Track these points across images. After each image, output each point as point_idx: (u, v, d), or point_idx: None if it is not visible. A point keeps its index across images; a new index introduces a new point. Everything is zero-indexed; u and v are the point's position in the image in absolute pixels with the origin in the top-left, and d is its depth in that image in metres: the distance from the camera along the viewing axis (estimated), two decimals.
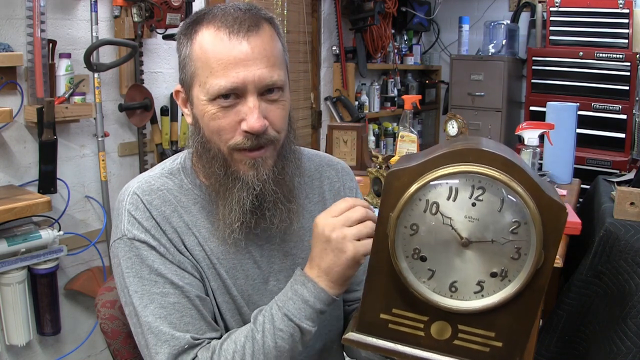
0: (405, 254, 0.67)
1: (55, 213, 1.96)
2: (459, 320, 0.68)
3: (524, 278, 0.63)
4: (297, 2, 3.19)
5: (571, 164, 2.23)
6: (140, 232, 0.85)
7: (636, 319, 1.37)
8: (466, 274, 0.66)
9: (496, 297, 0.65)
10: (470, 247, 0.65)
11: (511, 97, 3.66)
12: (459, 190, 0.64)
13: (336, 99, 3.50)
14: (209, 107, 0.84)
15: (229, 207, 0.86)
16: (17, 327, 1.82)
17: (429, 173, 0.64)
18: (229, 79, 0.81)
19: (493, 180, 0.62)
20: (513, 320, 0.66)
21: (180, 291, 0.84)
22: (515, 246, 0.63)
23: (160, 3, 2.04)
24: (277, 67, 0.85)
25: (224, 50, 0.81)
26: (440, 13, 4.20)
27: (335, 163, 1.08)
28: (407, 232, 0.66)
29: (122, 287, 0.86)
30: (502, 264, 0.64)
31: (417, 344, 0.70)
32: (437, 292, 0.67)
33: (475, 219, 0.64)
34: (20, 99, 1.84)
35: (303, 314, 0.80)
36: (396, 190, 0.66)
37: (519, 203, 0.62)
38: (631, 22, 3.04)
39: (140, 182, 0.90)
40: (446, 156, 0.64)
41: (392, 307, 0.70)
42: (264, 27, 0.84)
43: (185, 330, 0.83)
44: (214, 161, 0.87)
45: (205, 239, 0.90)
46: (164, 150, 2.31)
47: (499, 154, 0.63)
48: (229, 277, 0.91)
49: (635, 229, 1.50)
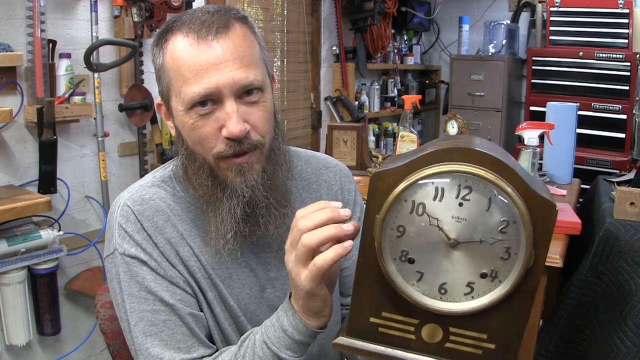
0: (392, 257, 0.65)
1: (55, 213, 1.96)
2: (450, 323, 0.66)
3: (514, 278, 0.62)
4: (297, 2, 3.19)
5: (571, 164, 2.23)
6: (130, 246, 0.83)
7: (636, 319, 1.37)
8: (455, 276, 0.64)
9: (487, 298, 0.64)
10: (458, 247, 0.63)
11: (511, 97, 3.66)
12: (445, 190, 0.62)
13: (336, 99, 3.50)
14: (187, 117, 0.80)
15: (220, 218, 0.83)
16: (17, 327, 1.82)
17: (414, 174, 0.63)
18: (202, 85, 0.77)
19: (479, 179, 0.61)
20: (505, 321, 0.65)
21: (171, 309, 0.82)
22: (505, 246, 0.62)
23: (160, 3, 2.04)
24: (253, 66, 0.80)
25: (194, 56, 0.78)
26: (440, 13, 4.20)
27: (333, 165, 1.05)
28: (393, 234, 0.65)
29: (116, 302, 0.85)
30: (491, 264, 0.63)
31: (408, 347, 0.68)
32: (426, 295, 0.66)
33: (462, 219, 0.62)
34: (20, 99, 1.84)
35: (282, 344, 0.77)
36: (381, 192, 0.64)
37: (507, 202, 0.61)
38: (631, 22, 3.04)
39: (131, 193, 0.88)
40: (432, 155, 0.63)
41: (382, 311, 0.68)
42: (234, 27, 0.80)
43: (177, 348, 0.82)
44: (201, 172, 0.84)
45: (200, 249, 0.87)
46: (164, 150, 2.31)
47: (485, 152, 0.61)
48: (225, 287, 0.89)
49: (635, 229, 1.50)
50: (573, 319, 1.62)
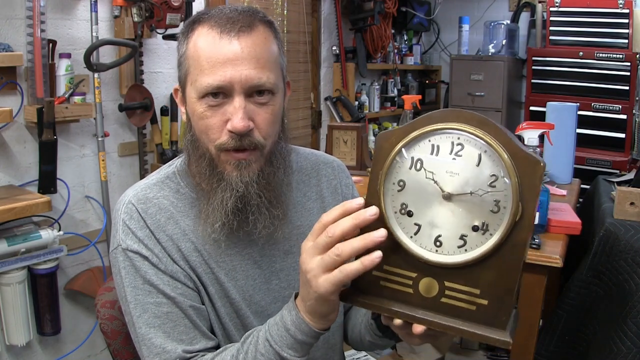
0: (394, 210, 0.71)
1: (55, 213, 1.96)
2: (445, 277, 0.70)
3: (503, 230, 0.66)
4: (297, 2, 3.19)
5: (571, 164, 2.23)
6: (133, 242, 0.86)
7: (636, 319, 1.37)
8: (450, 228, 0.69)
9: (478, 250, 0.68)
10: (452, 200, 0.68)
11: (511, 97, 3.66)
12: (440, 146, 0.69)
13: (336, 99, 3.50)
14: (198, 105, 0.84)
15: (212, 206, 0.86)
16: (17, 327, 1.82)
17: (413, 132, 0.70)
18: (216, 77, 0.81)
19: (470, 135, 0.67)
20: (497, 276, 0.68)
21: (173, 301, 0.85)
22: (494, 199, 0.66)
23: (160, 3, 2.04)
24: (268, 69, 0.83)
25: (214, 49, 0.81)
26: (440, 13, 4.20)
27: (330, 161, 1.08)
28: (394, 189, 0.71)
29: (121, 296, 0.88)
30: (482, 217, 0.67)
31: (406, 301, 0.72)
32: (423, 247, 0.70)
33: (455, 174, 0.68)
34: (20, 99, 1.84)
35: (284, 342, 0.77)
36: (385, 150, 0.71)
37: (495, 157, 0.66)
38: (631, 22, 3.04)
39: (136, 191, 0.91)
40: (430, 117, 0.70)
41: (384, 264, 0.72)
42: (257, 28, 0.84)
43: (179, 339, 0.84)
44: (202, 160, 0.87)
45: (203, 243, 0.89)
46: (164, 150, 2.31)
47: (475, 114, 0.67)
48: (228, 280, 0.90)
49: (635, 229, 1.50)
50: (573, 319, 1.62)
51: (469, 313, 0.70)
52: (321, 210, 1.01)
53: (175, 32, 2.21)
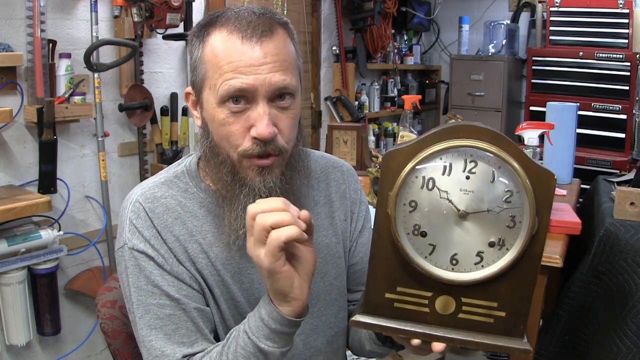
0: (406, 231, 0.70)
1: (55, 213, 1.96)
2: (462, 293, 0.70)
3: (520, 245, 0.66)
4: (297, 2, 3.19)
5: (571, 164, 2.23)
6: (139, 241, 0.85)
7: (636, 319, 1.37)
8: (466, 246, 0.68)
9: (496, 266, 0.67)
10: (467, 218, 0.68)
11: (511, 97, 3.66)
12: (452, 165, 0.68)
13: (336, 99, 3.50)
14: (219, 111, 0.82)
15: (235, 213, 0.85)
16: (17, 327, 1.82)
17: (423, 151, 0.68)
18: (239, 79, 0.79)
19: (483, 152, 0.66)
20: (513, 288, 0.68)
21: (177, 303, 0.84)
22: (510, 214, 0.66)
23: (160, 3, 2.04)
24: (290, 72, 0.83)
25: (236, 54, 0.80)
26: (440, 13, 4.20)
27: (340, 165, 1.07)
28: (406, 210, 0.69)
29: (126, 295, 0.87)
30: (499, 233, 0.67)
31: (423, 321, 0.71)
32: (439, 266, 0.69)
33: (470, 191, 0.67)
34: (20, 99, 1.84)
35: (261, 333, 0.78)
36: (393, 170, 0.69)
37: (509, 172, 0.66)
38: (631, 22, 3.04)
39: (144, 189, 0.90)
40: (438, 134, 0.68)
41: (397, 286, 0.71)
42: (277, 32, 0.83)
43: (180, 342, 0.84)
44: (222, 166, 0.86)
45: (210, 245, 0.89)
46: (164, 150, 2.31)
47: (487, 128, 0.67)
48: (234, 282, 0.90)
49: (635, 229, 1.50)
50: (573, 319, 1.62)
51: (488, 326, 0.70)
52: (329, 214, 1.00)
53: (175, 32, 2.21)
